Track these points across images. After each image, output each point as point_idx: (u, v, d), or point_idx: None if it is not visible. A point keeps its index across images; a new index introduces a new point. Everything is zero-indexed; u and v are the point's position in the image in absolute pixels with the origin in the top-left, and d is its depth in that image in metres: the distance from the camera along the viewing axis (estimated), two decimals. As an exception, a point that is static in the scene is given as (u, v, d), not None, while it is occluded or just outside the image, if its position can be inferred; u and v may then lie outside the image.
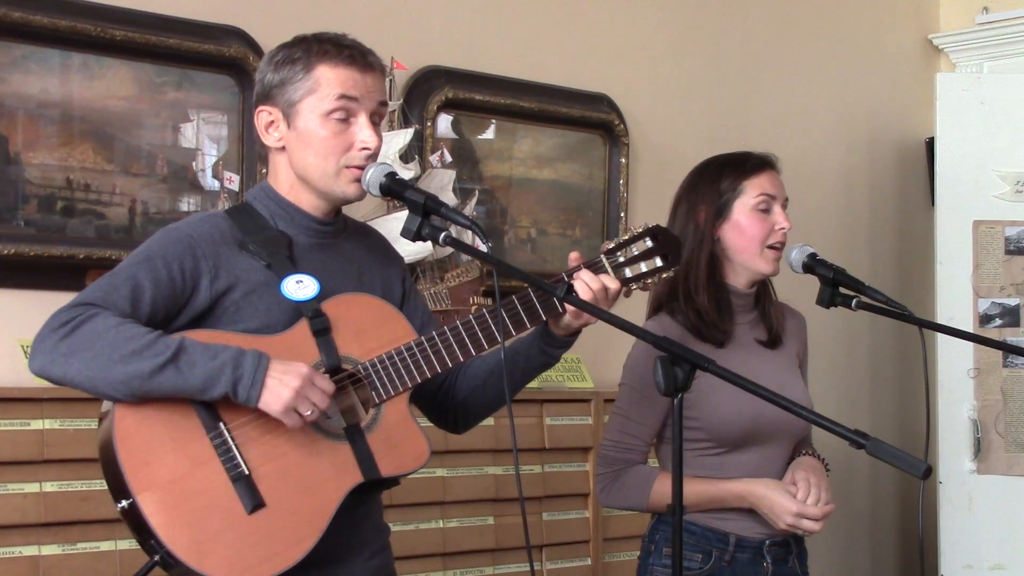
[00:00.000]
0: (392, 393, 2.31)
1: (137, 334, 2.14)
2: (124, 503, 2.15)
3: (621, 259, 2.45)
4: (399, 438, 2.31)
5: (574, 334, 2.44)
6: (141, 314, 2.19)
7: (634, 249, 2.46)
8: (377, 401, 2.30)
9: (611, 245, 2.46)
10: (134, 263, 2.23)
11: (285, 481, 2.21)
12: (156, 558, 2.15)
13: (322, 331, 2.28)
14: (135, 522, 2.16)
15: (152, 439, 2.16)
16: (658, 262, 2.46)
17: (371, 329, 2.33)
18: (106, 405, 2.22)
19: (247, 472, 2.19)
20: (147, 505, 2.14)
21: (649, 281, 2.46)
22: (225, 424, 2.19)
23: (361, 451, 2.27)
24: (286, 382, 2.16)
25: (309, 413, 2.18)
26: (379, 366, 2.30)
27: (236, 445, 2.19)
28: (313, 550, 2.21)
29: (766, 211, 2.85)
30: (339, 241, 2.42)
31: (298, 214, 2.37)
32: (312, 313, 2.28)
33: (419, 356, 2.32)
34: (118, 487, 2.16)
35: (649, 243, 2.46)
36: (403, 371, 2.31)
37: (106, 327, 2.13)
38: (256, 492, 2.19)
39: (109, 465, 2.18)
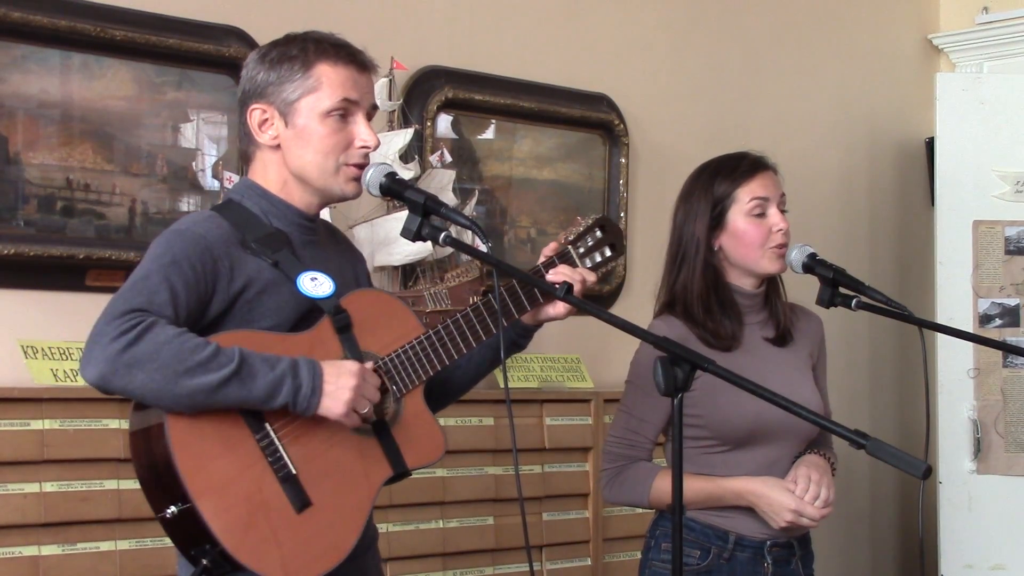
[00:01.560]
0: (411, 386, 2.35)
1: (199, 345, 2.12)
2: (174, 509, 2.13)
3: (582, 250, 2.57)
4: (419, 430, 2.36)
5: (540, 324, 2.55)
6: (180, 318, 2.18)
7: (589, 240, 2.58)
8: (398, 395, 2.34)
9: (572, 237, 2.57)
10: (162, 265, 2.19)
11: (327, 479, 2.24)
12: (205, 562, 2.13)
13: (344, 328, 2.30)
14: (187, 527, 2.14)
15: (204, 444, 2.16)
16: (607, 251, 2.59)
17: (384, 324, 2.37)
18: (148, 412, 2.18)
19: (294, 472, 2.20)
20: (206, 509, 2.13)
21: (603, 270, 2.59)
22: (270, 425, 2.20)
23: (388, 445, 2.31)
24: (343, 384, 2.19)
25: (367, 411, 2.22)
26: (396, 360, 2.34)
27: (282, 446, 2.20)
28: None
29: (761, 215, 2.85)
30: (321, 238, 2.44)
31: (290, 211, 2.36)
32: (333, 310, 2.29)
33: (430, 349, 2.36)
34: (169, 493, 2.14)
35: (599, 233, 2.59)
36: (418, 364, 2.35)
37: (167, 337, 2.10)
38: (303, 492, 2.21)
39: (160, 472, 2.15)
